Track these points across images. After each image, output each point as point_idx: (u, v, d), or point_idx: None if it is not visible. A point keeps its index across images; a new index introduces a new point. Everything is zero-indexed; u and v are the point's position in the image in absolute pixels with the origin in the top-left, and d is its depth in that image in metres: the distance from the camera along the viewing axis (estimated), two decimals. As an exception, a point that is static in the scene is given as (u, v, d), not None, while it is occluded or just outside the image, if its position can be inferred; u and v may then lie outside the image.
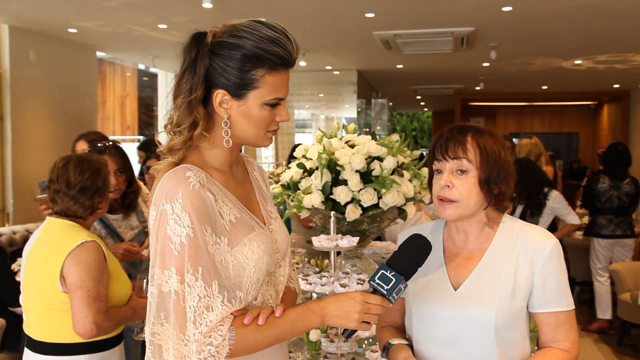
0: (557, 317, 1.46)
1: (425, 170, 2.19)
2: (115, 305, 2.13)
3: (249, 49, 1.26)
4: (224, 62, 1.28)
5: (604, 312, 5.33)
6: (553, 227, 4.86)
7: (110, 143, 2.83)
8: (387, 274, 1.34)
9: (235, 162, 1.44)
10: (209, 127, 1.33)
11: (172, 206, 1.22)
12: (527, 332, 1.50)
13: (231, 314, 1.25)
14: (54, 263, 2.02)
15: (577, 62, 8.28)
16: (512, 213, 4.67)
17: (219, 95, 1.30)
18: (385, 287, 1.33)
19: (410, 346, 1.54)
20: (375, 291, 1.34)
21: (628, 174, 5.28)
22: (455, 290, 1.48)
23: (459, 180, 1.47)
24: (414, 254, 1.38)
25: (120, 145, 2.86)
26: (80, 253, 2.02)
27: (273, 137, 1.40)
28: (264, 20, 1.29)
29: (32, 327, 2.09)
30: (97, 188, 2.15)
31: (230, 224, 1.30)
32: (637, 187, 5.27)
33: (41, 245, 2.12)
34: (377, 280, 1.34)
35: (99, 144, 2.78)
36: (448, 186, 1.47)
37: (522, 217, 4.55)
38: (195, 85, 1.28)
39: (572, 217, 4.44)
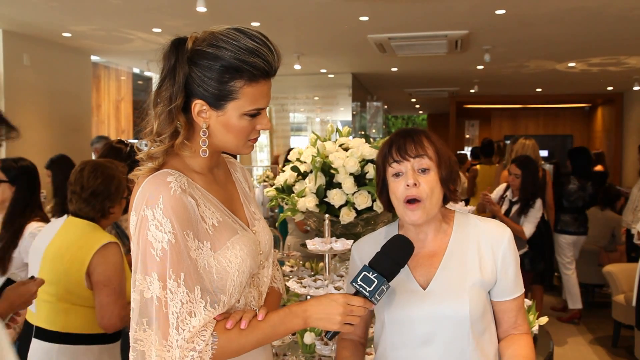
0: (517, 303, 1.53)
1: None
2: (128, 301, 2.21)
3: (227, 60, 1.25)
4: (202, 73, 1.26)
5: (575, 302, 5.57)
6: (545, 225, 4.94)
7: None
8: (369, 275, 1.34)
9: (217, 165, 1.44)
10: (190, 135, 1.33)
11: (153, 212, 1.22)
12: (492, 320, 1.53)
13: (214, 318, 1.25)
14: (80, 261, 2.16)
15: (571, 64, 8.31)
16: (502, 206, 4.70)
17: (197, 105, 1.29)
18: (368, 288, 1.33)
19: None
20: (357, 293, 1.34)
21: (592, 176, 5.71)
22: (424, 289, 1.48)
23: (423, 177, 1.46)
24: (395, 255, 1.38)
25: None
26: (106, 253, 2.17)
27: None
28: (244, 28, 1.27)
29: (43, 318, 2.20)
30: (109, 193, 2.27)
31: (212, 228, 1.29)
32: (596, 190, 5.72)
33: (63, 242, 2.24)
34: (360, 282, 1.34)
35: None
36: (415, 184, 1.45)
37: (507, 212, 4.60)
38: (175, 93, 1.26)
39: (529, 228, 4.51)
